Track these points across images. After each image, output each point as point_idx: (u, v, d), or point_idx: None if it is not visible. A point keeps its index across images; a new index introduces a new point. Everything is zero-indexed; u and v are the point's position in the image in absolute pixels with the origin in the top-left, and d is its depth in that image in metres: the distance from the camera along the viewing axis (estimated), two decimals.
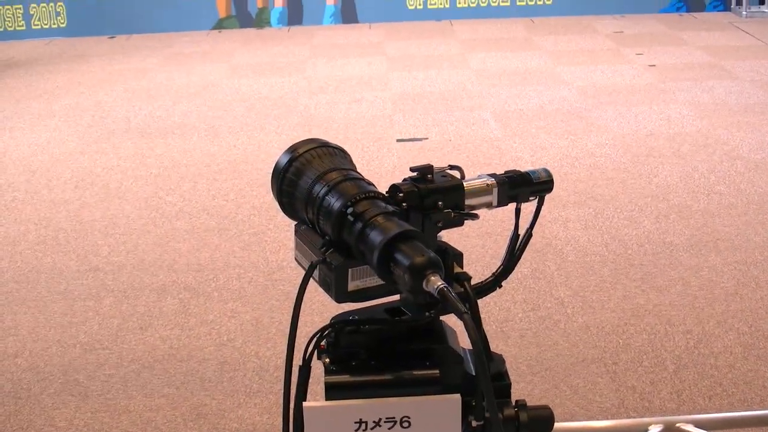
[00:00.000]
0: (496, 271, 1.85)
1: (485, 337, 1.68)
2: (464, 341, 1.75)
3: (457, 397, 1.63)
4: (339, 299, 1.62)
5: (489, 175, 1.76)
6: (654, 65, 8.48)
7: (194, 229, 5.17)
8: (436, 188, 1.68)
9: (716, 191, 5.47)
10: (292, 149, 1.72)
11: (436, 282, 1.45)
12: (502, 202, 1.77)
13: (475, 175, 1.77)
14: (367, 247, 1.53)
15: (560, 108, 7.23)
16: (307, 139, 1.74)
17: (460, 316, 1.43)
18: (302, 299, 1.62)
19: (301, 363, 1.66)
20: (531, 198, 1.80)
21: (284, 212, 1.75)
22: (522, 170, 1.80)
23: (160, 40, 10.12)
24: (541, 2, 10.79)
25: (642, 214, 5.18)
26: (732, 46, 9.21)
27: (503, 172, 1.79)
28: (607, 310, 4.17)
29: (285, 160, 1.71)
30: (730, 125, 6.68)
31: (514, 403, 1.71)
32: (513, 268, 1.86)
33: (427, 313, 1.68)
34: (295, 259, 1.74)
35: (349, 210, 1.58)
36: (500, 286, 1.87)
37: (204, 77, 8.54)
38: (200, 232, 5.13)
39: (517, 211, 1.81)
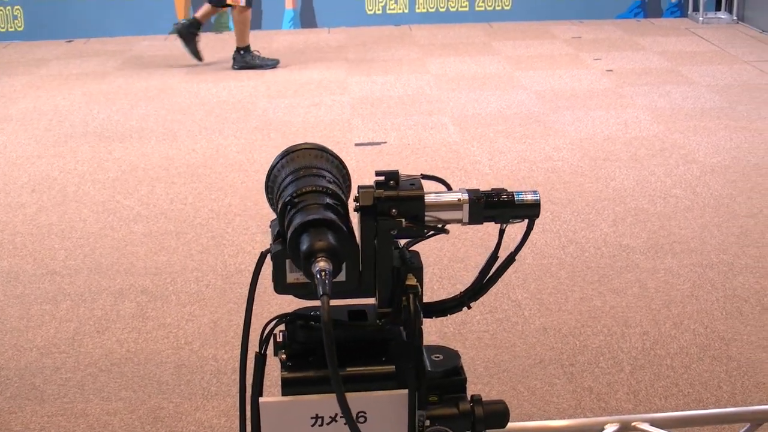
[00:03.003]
0: (464, 291, 1.81)
1: (420, 347, 1.67)
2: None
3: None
4: (277, 290, 1.62)
5: (468, 190, 1.70)
6: (611, 70, 8.53)
7: (152, 233, 5.15)
8: (392, 195, 1.65)
9: (672, 194, 5.51)
10: (287, 149, 1.73)
11: (319, 265, 1.47)
12: (474, 220, 1.70)
13: (457, 189, 1.71)
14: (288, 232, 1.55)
15: (518, 112, 7.26)
16: (305, 142, 1.76)
17: (318, 297, 1.45)
18: (255, 288, 1.63)
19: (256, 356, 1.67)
20: (513, 221, 1.72)
21: (272, 209, 1.76)
22: (509, 190, 1.72)
23: (119, 44, 10.08)
24: (500, 7, 10.83)
25: (599, 217, 5.21)
26: (689, 51, 9.28)
27: (490, 189, 1.72)
28: (564, 312, 4.19)
29: (277, 158, 1.73)
30: (686, 129, 6.73)
31: (469, 398, 1.72)
32: (485, 291, 1.80)
33: (378, 321, 1.68)
34: None
35: (287, 199, 1.59)
36: (469, 307, 1.81)
37: (163, 81, 8.51)
38: (158, 235, 5.12)
39: (501, 233, 1.74)
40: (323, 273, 1.46)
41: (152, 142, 6.74)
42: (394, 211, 1.64)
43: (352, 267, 1.62)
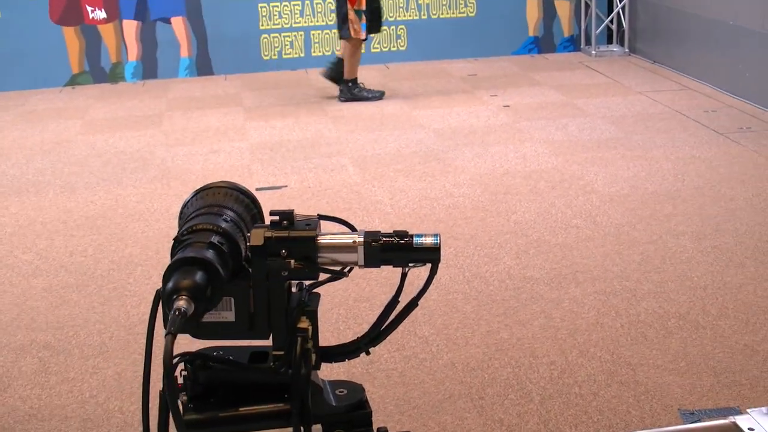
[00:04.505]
0: (362, 336, 1.76)
1: (306, 389, 1.65)
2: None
3: (318, 428, 1.62)
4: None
5: (366, 233, 1.65)
6: (508, 106, 8.61)
7: (52, 287, 5.06)
8: (282, 236, 1.62)
9: (573, 225, 5.56)
10: (200, 187, 1.72)
11: (177, 304, 1.48)
12: (371, 263, 1.65)
13: (359, 231, 1.67)
14: None
15: (417, 151, 7.29)
16: (221, 181, 1.74)
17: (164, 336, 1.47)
18: (153, 329, 1.61)
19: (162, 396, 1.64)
20: (412, 264, 1.66)
21: None
22: (410, 233, 1.66)
23: (12, 98, 9.93)
24: (396, 48, 10.89)
25: (502, 250, 5.23)
26: (583, 84, 9.41)
27: (392, 231, 1.66)
28: (471, 346, 4.19)
29: (189, 195, 1.71)
30: (584, 161, 6.81)
31: (376, 431, 1.71)
32: (384, 337, 1.76)
33: (272, 364, 1.66)
34: None
35: (177, 236, 1.58)
36: (368, 353, 1.77)
37: (58, 134, 8.39)
38: (58, 289, 5.03)
39: (402, 276, 1.68)
40: (177, 312, 1.47)
41: (50, 195, 6.64)
42: (284, 251, 1.62)
43: (242, 308, 1.60)
